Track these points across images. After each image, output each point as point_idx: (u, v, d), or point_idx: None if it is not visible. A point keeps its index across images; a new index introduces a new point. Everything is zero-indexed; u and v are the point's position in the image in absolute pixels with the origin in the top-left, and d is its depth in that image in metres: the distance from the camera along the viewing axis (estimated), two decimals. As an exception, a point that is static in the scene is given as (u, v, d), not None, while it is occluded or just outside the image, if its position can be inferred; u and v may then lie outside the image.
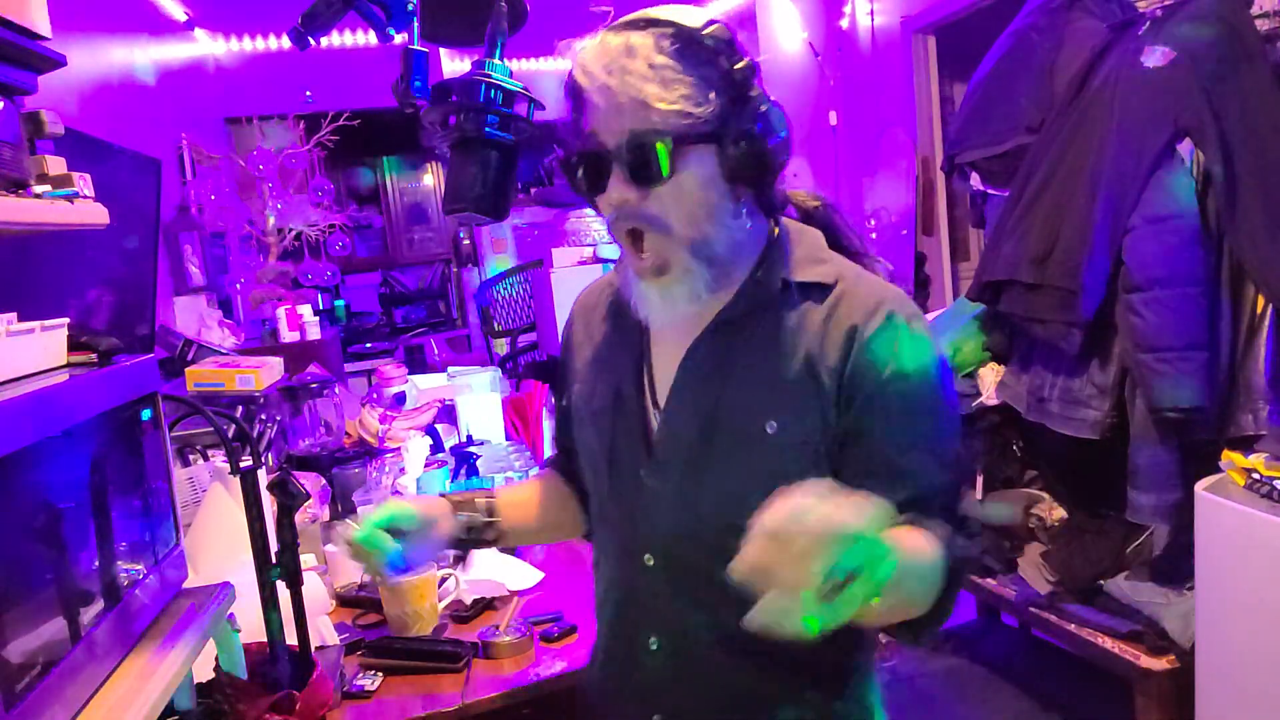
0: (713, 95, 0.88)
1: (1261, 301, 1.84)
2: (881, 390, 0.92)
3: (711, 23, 0.90)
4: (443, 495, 1.10)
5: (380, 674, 1.43)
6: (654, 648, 0.99)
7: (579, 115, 0.93)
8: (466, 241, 7.11)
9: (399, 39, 1.09)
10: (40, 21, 1.01)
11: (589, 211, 4.92)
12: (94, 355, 1.06)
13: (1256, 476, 1.63)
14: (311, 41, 1.08)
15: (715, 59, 0.89)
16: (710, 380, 0.96)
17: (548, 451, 2.87)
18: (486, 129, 1.03)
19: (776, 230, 1.00)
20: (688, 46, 0.88)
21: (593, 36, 0.92)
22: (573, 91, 0.93)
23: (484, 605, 1.66)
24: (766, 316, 0.95)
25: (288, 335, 3.90)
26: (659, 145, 0.87)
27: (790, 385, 0.93)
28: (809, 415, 0.92)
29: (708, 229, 0.91)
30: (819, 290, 0.95)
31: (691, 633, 0.97)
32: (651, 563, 0.98)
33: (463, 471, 2.29)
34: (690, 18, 0.90)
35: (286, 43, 1.17)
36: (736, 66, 0.89)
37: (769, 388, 0.94)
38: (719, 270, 0.94)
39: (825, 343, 0.93)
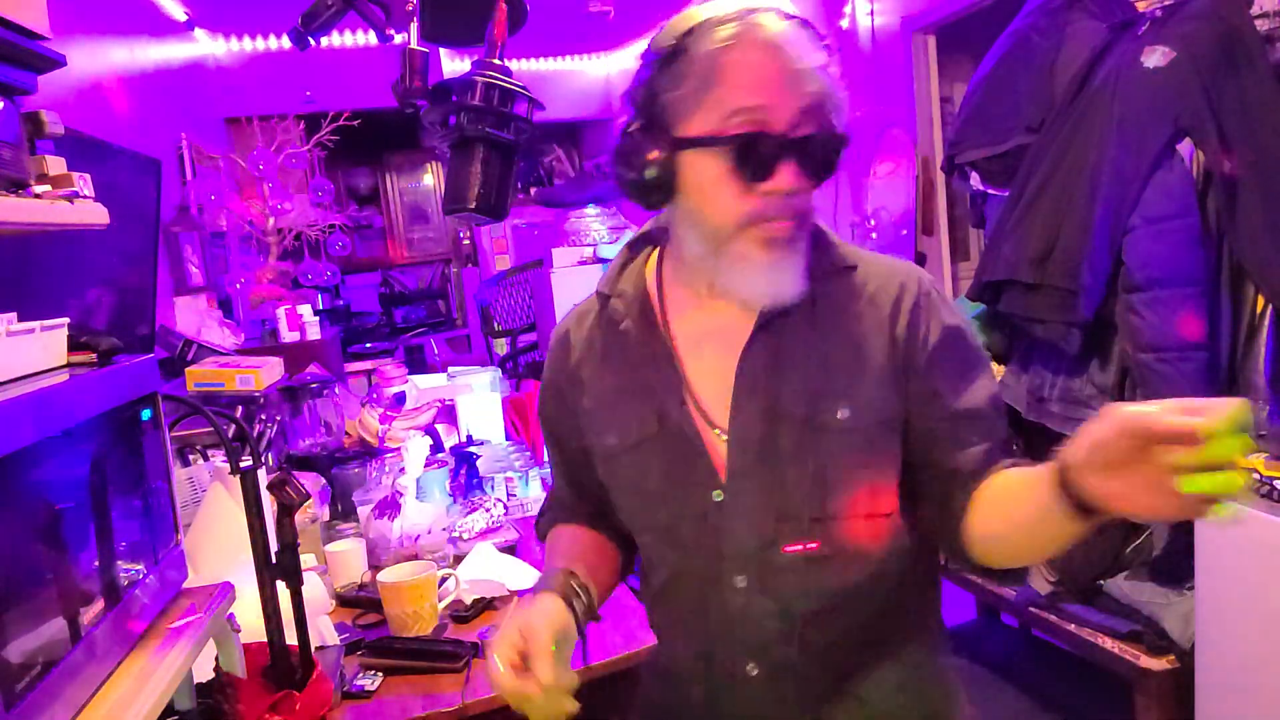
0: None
1: (1261, 301, 1.84)
2: (940, 350, 0.94)
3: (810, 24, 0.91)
4: (543, 591, 0.94)
5: (380, 674, 1.43)
6: (753, 673, 0.95)
7: (716, 88, 0.86)
8: (466, 241, 7.12)
9: (399, 39, 1.09)
10: (40, 21, 1.01)
11: (589, 211, 4.90)
12: (94, 355, 1.06)
13: (1256, 476, 1.63)
14: (311, 41, 1.08)
15: (830, 56, 0.90)
16: (770, 381, 0.93)
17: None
18: (486, 129, 1.03)
19: None
20: (821, 46, 0.90)
21: (754, 12, 0.87)
22: (708, 61, 0.86)
23: (484, 605, 1.66)
24: (802, 311, 0.94)
25: (288, 335, 3.90)
26: (839, 145, 0.89)
27: (851, 369, 0.93)
28: (877, 394, 0.93)
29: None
30: (844, 274, 0.97)
31: (785, 650, 0.94)
32: (743, 584, 0.93)
33: (463, 471, 2.29)
34: (796, 13, 0.90)
35: (286, 43, 1.17)
36: (832, 69, 0.90)
37: (831, 376, 0.93)
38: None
39: (871, 319, 0.95)
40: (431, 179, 7.33)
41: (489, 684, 0.87)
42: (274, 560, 1.27)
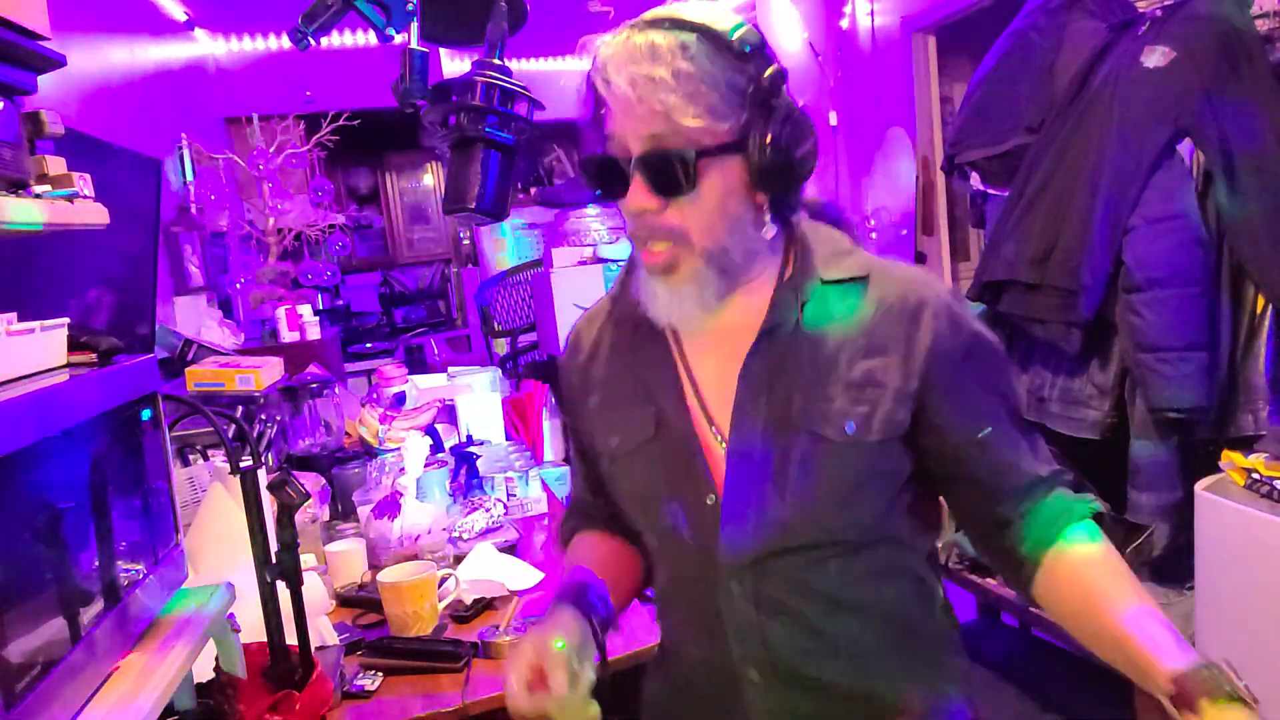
0: (738, 103, 0.85)
1: (1261, 301, 1.84)
2: (959, 372, 0.92)
3: (739, 26, 0.87)
4: (560, 604, 0.93)
5: (380, 674, 1.43)
6: (755, 679, 0.94)
7: (600, 114, 0.90)
8: (466, 241, 7.12)
9: (399, 39, 1.08)
10: (40, 21, 1.01)
11: (589, 211, 4.90)
12: (94, 355, 1.06)
13: (1256, 476, 1.63)
14: (311, 41, 1.08)
15: (744, 65, 0.85)
16: (774, 390, 0.92)
17: (548, 454, 2.87)
18: (486, 129, 1.03)
19: (794, 232, 0.97)
20: (716, 51, 0.84)
21: (615, 34, 0.88)
22: (594, 90, 0.89)
23: (484, 605, 1.66)
24: (811, 319, 0.92)
25: (288, 335, 3.90)
26: (683, 156, 0.84)
27: (859, 383, 0.90)
28: (887, 409, 0.90)
29: (725, 240, 0.89)
30: (855, 283, 0.94)
31: (786, 656, 0.93)
32: (739, 590, 0.93)
33: (463, 471, 2.29)
34: (719, 19, 0.86)
35: (286, 43, 1.17)
36: (765, 74, 0.86)
37: (838, 389, 0.90)
38: (730, 279, 0.91)
39: (885, 333, 0.91)
40: (431, 179, 7.33)
41: (509, 705, 0.85)
42: (274, 560, 1.27)
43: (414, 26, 1.07)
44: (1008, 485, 0.94)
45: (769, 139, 0.86)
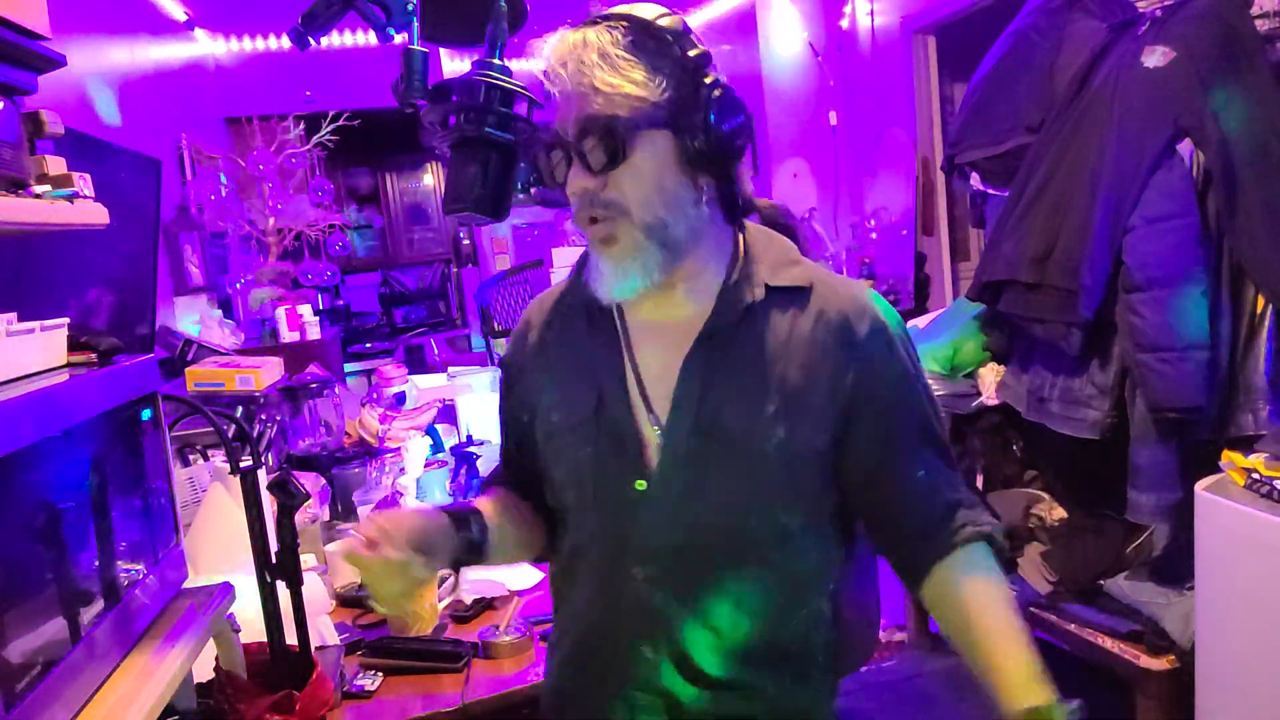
0: (663, 81, 0.90)
1: (1261, 301, 1.84)
2: (889, 386, 0.97)
3: (664, 15, 0.92)
4: (439, 509, 0.99)
5: (380, 674, 1.43)
6: (649, 656, 0.97)
7: (550, 100, 0.95)
8: (466, 241, 7.12)
9: (399, 39, 1.08)
10: (40, 21, 1.01)
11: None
12: (94, 355, 1.06)
13: (1256, 476, 1.62)
14: (311, 41, 1.08)
15: (667, 47, 0.91)
16: (711, 390, 0.95)
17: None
18: (486, 129, 1.03)
19: (743, 236, 1.01)
20: (640, 36, 0.90)
21: (553, 33, 0.94)
22: (544, 89, 0.95)
23: (484, 605, 1.66)
24: (752, 323, 0.96)
25: (288, 335, 3.90)
26: (611, 129, 0.89)
27: (794, 393, 0.94)
28: (815, 420, 0.94)
29: (663, 213, 0.92)
30: (798, 294, 0.97)
31: (678, 648, 0.96)
32: (641, 575, 0.96)
33: (463, 471, 2.29)
34: (644, 10, 0.92)
35: (286, 43, 1.17)
36: (690, 54, 0.91)
37: (772, 396, 0.94)
38: (673, 254, 0.94)
39: (820, 347, 0.95)
40: (431, 179, 7.32)
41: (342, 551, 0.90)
42: (274, 560, 1.27)
43: (414, 26, 1.07)
44: (918, 508, 0.98)
45: (697, 116, 0.90)
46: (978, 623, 0.92)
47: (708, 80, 0.91)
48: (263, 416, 2.04)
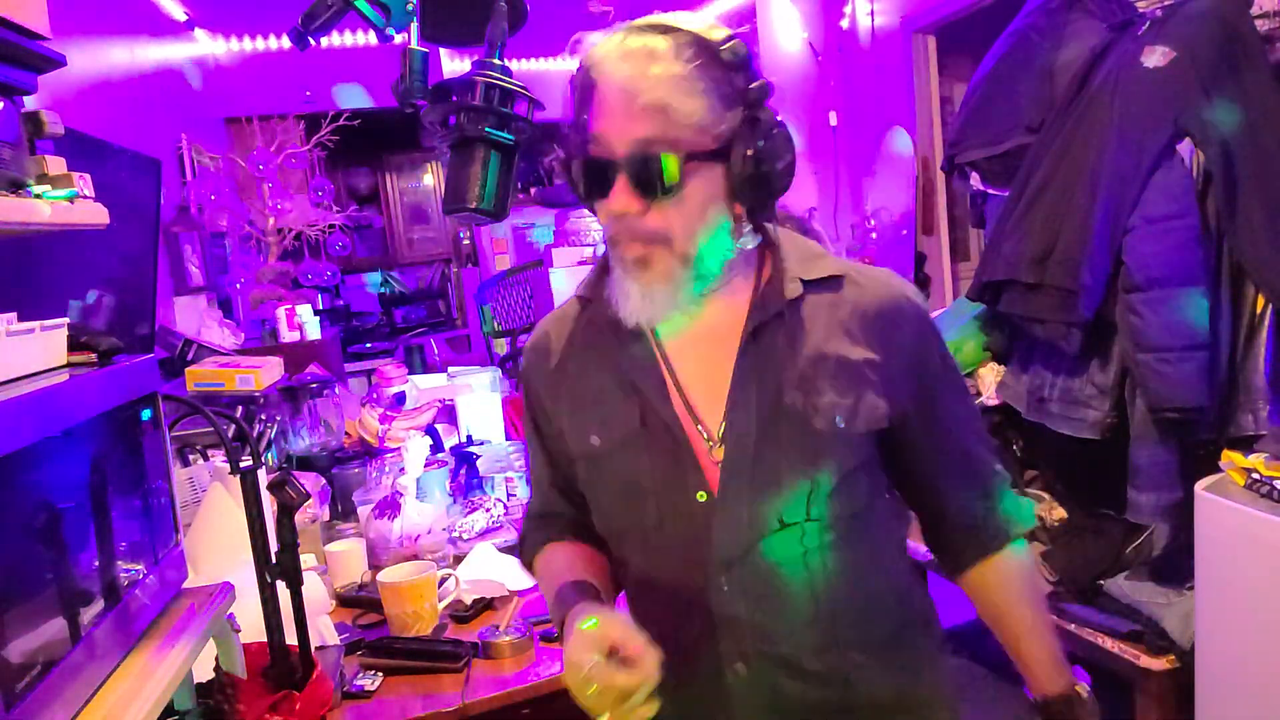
0: (726, 112, 0.87)
1: (1261, 301, 1.84)
2: (934, 369, 0.99)
3: (731, 38, 0.88)
4: (585, 605, 0.91)
5: (380, 674, 1.43)
6: (741, 672, 0.95)
7: (584, 115, 0.90)
8: (466, 241, 7.11)
9: (399, 39, 1.08)
10: (40, 21, 1.01)
11: (589, 211, 4.92)
12: (94, 355, 1.06)
13: (1256, 476, 1.62)
14: (311, 41, 1.08)
15: (732, 76, 0.87)
16: (764, 386, 0.94)
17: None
18: (486, 129, 1.03)
19: (768, 237, 1.00)
20: (709, 60, 0.86)
21: (610, 34, 0.89)
22: (582, 90, 0.90)
23: (484, 605, 1.66)
24: (793, 317, 0.95)
25: (288, 335, 3.89)
26: (670, 157, 0.85)
27: (844, 377, 0.94)
28: (869, 404, 0.94)
29: (703, 245, 0.90)
30: (831, 283, 0.97)
31: (773, 647, 0.94)
32: (727, 587, 0.93)
33: (463, 471, 2.29)
34: (712, 30, 0.88)
35: (286, 43, 1.17)
36: (752, 85, 0.88)
37: (825, 382, 0.93)
38: (704, 282, 0.92)
39: (862, 332, 0.95)
40: (431, 179, 7.32)
41: (578, 702, 0.82)
42: (274, 560, 1.27)
43: (414, 26, 1.07)
44: (962, 500, 1.02)
45: (752, 150, 0.88)
46: (1011, 613, 1.02)
47: (765, 115, 0.89)
48: (263, 416, 2.04)
